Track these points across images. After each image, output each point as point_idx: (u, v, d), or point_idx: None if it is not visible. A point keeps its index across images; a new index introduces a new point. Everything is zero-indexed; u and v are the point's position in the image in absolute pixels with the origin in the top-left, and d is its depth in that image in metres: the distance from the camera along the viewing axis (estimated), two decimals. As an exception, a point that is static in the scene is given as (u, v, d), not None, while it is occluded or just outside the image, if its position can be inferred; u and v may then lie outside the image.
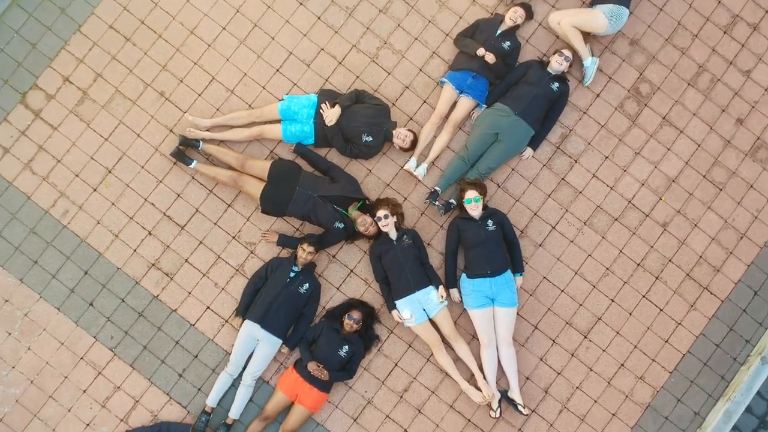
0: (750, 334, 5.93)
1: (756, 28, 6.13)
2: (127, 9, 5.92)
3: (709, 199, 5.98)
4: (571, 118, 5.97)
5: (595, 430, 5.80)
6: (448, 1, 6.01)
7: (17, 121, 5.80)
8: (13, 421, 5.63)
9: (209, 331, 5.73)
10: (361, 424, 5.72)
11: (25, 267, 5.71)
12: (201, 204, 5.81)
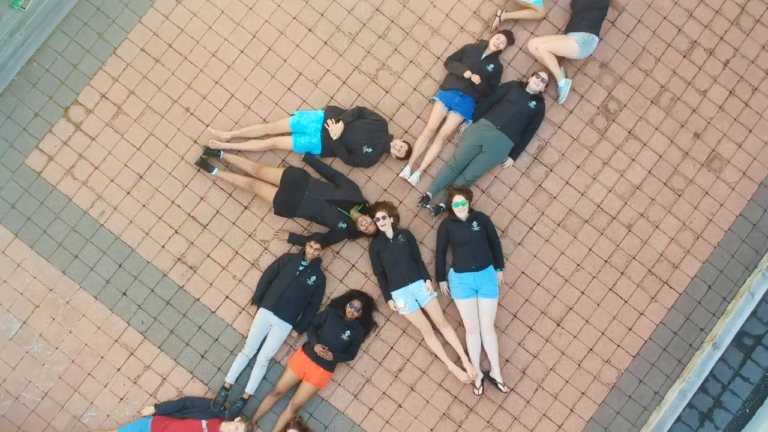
0: (704, 324, 6.72)
1: (711, 53, 6.93)
2: (157, 34, 6.73)
3: (669, 204, 6.78)
4: (547, 131, 6.77)
5: (566, 407, 6.59)
6: (439, 29, 6.82)
7: (60, 133, 6.61)
8: (57, 395, 6.42)
9: (228, 318, 6.53)
10: (361, 399, 6.51)
11: (66, 260, 6.51)
12: (221, 206, 6.61)
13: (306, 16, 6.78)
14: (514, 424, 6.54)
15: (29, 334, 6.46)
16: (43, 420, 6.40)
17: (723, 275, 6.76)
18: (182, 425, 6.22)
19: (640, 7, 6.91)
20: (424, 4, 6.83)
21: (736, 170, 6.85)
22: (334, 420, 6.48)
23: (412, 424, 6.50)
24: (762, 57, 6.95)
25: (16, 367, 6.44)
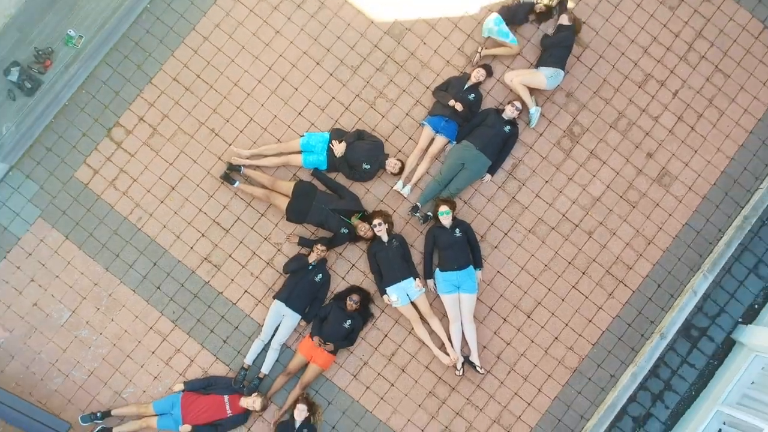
0: (654, 317, 7.83)
1: (663, 84, 8.05)
2: (187, 66, 7.87)
3: (624, 214, 7.89)
4: (520, 151, 7.89)
5: (535, 387, 7.70)
6: (428, 63, 7.95)
7: (104, 150, 7.75)
8: (101, 374, 7.55)
9: (246, 309, 7.65)
10: (359, 379, 7.63)
11: (109, 259, 7.65)
12: (241, 213, 7.74)
13: (314, 51, 7.92)
14: (489, 402, 7.66)
15: (77, 321, 7.60)
16: (89, 394, 7.53)
17: (671, 275, 7.88)
18: (207, 399, 7.36)
19: (602, 44, 8.04)
20: (415, 41, 7.96)
21: (683, 185, 7.97)
22: (337, 396, 7.61)
23: (402, 400, 7.62)
24: (706, 88, 8.07)
25: (66, 349, 7.58)
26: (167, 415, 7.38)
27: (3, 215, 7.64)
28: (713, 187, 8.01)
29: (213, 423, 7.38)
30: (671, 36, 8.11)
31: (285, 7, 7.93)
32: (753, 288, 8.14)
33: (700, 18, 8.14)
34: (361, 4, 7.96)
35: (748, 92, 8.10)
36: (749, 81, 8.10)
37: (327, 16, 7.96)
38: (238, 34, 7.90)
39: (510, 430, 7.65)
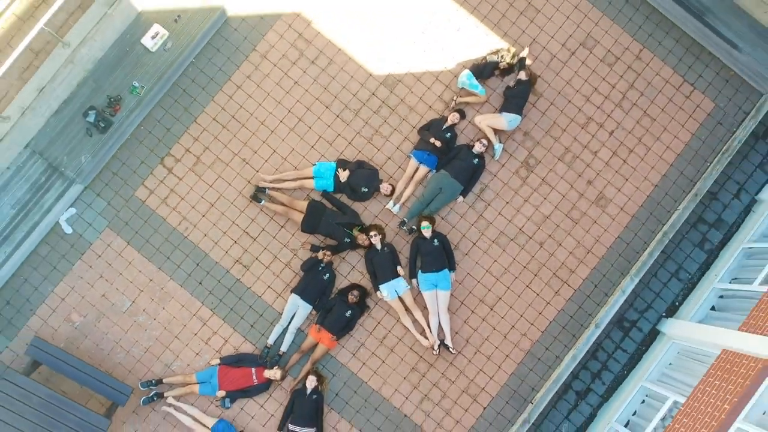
0: (591, 311, 9.88)
1: (601, 126, 10.12)
2: (224, 108, 9.96)
3: (569, 228, 9.95)
4: (486, 178, 9.96)
5: (496, 365, 9.75)
6: (415, 107, 10.03)
7: (158, 174, 9.83)
8: (154, 350, 9.61)
9: (269, 300, 9.71)
10: (358, 357, 9.68)
11: (161, 260, 9.72)
12: (266, 225, 9.81)
13: (324, 97, 10.01)
14: (460, 376, 9.71)
15: (136, 309, 9.68)
16: (145, 366, 9.60)
17: (605, 278, 9.93)
18: (238, 371, 9.42)
19: (552, 93, 10.11)
20: (404, 90, 10.05)
21: (616, 206, 10.03)
22: (340, 370, 9.66)
23: (391, 374, 9.68)
24: (636, 129, 10.13)
25: (128, 331, 9.65)
26: (207, 383, 9.44)
27: (79, 225, 9.73)
28: (640, 208, 10.07)
29: (242, 389, 9.45)
30: (609, 87, 10.18)
31: (301, 62, 10.02)
32: (674, 289, 10.19)
33: (632, 73, 10.21)
34: (361, 60, 10.05)
35: (670, 132, 10.16)
36: (671, 124, 10.17)
37: (335, 69, 10.05)
38: (265, 84, 9.99)
39: (476, 399, 9.70)
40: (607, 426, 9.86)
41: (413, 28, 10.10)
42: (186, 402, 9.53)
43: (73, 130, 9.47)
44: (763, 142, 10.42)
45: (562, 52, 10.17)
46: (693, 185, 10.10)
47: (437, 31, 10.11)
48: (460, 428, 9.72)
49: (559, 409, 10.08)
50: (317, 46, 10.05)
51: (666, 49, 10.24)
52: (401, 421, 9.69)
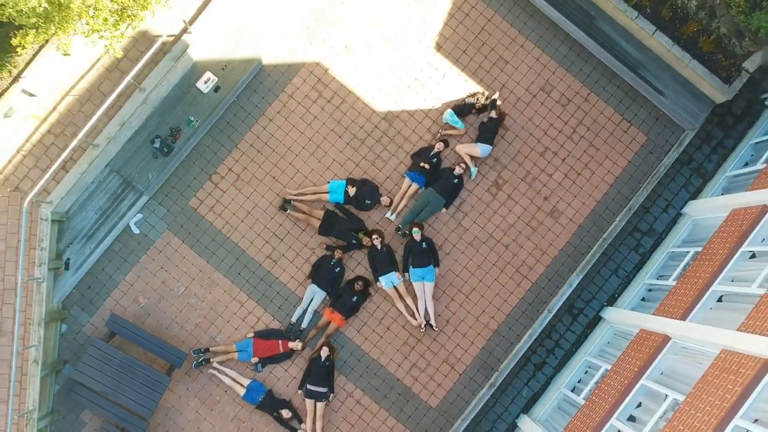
0: (545, 299, 12.54)
1: (556, 154, 12.80)
2: (259, 137, 12.67)
3: (528, 234, 12.62)
4: (464, 194, 12.64)
5: (469, 341, 12.42)
6: (409, 137, 12.72)
7: (206, 188, 12.55)
8: (202, 326, 12.32)
9: (293, 288, 12.41)
10: (361, 333, 12.37)
11: (209, 255, 12.43)
12: (291, 229, 12.52)
13: (337, 129, 12.72)
14: (441, 349, 12.39)
15: (189, 293, 12.39)
16: (195, 338, 12.31)
17: (557, 274, 12.59)
18: (268, 342, 12.11)
19: (517, 128, 12.80)
20: (400, 124, 12.76)
21: (567, 218, 12.70)
22: (347, 343, 12.35)
23: (387, 347, 12.36)
24: (583, 156, 12.79)
25: (182, 311, 12.36)
26: (244, 351, 12.14)
27: (145, 227, 12.46)
28: (586, 219, 12.74)
29: (271, 357, 12.15)
30: (562, 123, 12.86)
31: (320, 101, 12.74)
32: (613, 283, 12.82)
33: (581, 112, 12.89)
34: (367, 100, 12.76)
35: (610, 159, 12.83)
36: (611, 152, 12.83)
37: (346, 107, 12.77)
38: (291, 118, 12.72)
39: (453, 366, 12.39)
40: (558, 391, 12.50)
41: (408, 76, 12.82)
42: (227, 366, 12.23)
43: (142, 153, 12.22)
44: (686, 167, 13.06)
45: (525, 95, 12.87)
46: (628, 201, 12.76)
47: (427, 78, 12.83)
48: (440, 390, 12.41)
49: (521, 377, 12.71)
50: (332, 89, 12.78)
51: (609, 93, 12.92)
52: (394, 383, 12.38)
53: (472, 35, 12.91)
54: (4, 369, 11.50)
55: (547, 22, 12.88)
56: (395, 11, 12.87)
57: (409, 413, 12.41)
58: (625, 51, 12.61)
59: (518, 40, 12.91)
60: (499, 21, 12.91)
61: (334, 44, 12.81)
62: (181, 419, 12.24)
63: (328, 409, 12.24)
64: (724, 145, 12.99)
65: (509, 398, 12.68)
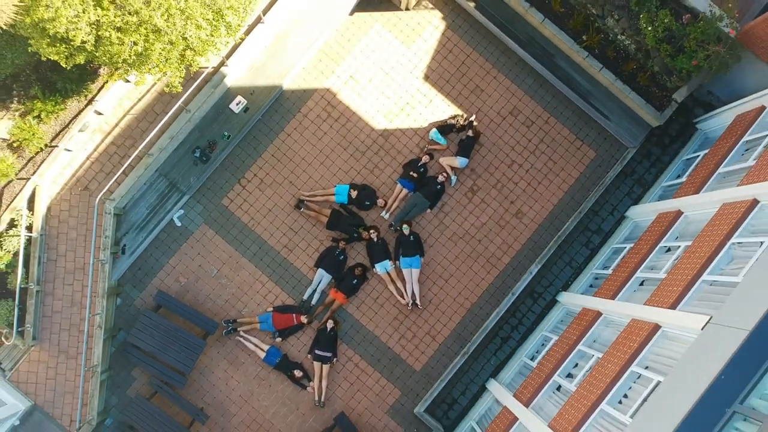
0: (511, 285, 15.38)
1: (521, 166, 15.65)
2: (279, 149, 15.56)
3: (498, 231, 15.47)
4: (445, 198, 15.50)
5: (448, 317, 15.27)
6: (401, 151, 15.60)
7: (236, 190, 15.45)
8: (231, 302, 15.21)
9: (304, 271, 15.30)
10: (360, 310, 15.24)
11: (237, 244, 15.31)
12: (304, 224, 15.40)
13: (343, 143, 15.58)
14: (425, 323, 15.25)
15: (220, 274, 15.28)
16: (225, 311, 15.19)
17: (519, 264, 15.43)
18: (284, 316, 15.01)
19: (489, 144, 15.65)
20: (394, 140, 15.63)
21: (529, 218, 15.54)
22: (348, 318, 15.23)
23: (381, 321, 15.23)
24: (543, 168, 15.62)
25: (214, 289, 15.26)
26: (265, 322, 15.02)
27: (185, 221, 15.35)
28: (545, 220, 15.57)
29: (287, 328, 15.02)
30: (527, 140, 15.70)
31: (329, 120, 15.62)
32: (567, 273, 15.66)
33: (542, 132, 15.73)
34: (367, 119, 15.63)
35: (566, 171, 15.66)
36: (566, 165, 15.66)
37: (350, 125, 15.64)
38: (305, 133, 15.60)
39: (434, 338, 15.25)
40: (519, 359, 15.33)
41: (401, 101, 15.71)
42: (250, 334, 15.11)
43: (185, 161, 15.13)
44: (629, 178, 15.88)
45: (497, 117, 15.73)
46: (580, 205, 15.59)
47: (417, 102, 15.72)
48: (423, 357, 15.27)
49: (489, 348, 15.55)
50: (339, 110, 15.67)
51: (565, 116, 15.77)
52: (386, 350, 15.25)
53: (454, 68, 15.80)
54: (75, 332, 14.41)
55: (515, 58, 15.75)
56: (392, 48, 15.76)
57: (398, 375, 15.28)
58: (578, 83, 15.46)
59: (492, 73, 15.79)
60: (476, 57, 15.79)
61: (341, 74, 15.71)
62: (213, 376, 15.12)
63: (332, 370, 15.11)
64: (661, 160, 15.83)
65: (480, 365, 15.52)
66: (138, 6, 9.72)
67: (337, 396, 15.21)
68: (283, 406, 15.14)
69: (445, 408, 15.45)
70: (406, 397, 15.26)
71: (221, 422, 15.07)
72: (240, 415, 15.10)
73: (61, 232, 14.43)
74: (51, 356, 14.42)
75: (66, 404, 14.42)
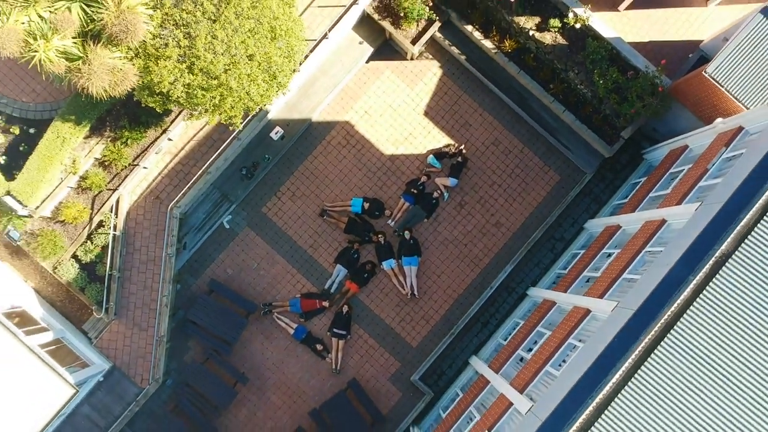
0: (490, 281, 19.36)
1: (500, 186, 19.62)
2: (307, 168, 19.59)
3: (480, 237, 19.45)
4: (439, 211, 19.49)
5: (438, 305, 19.25)
6: (405, 172, 19.59)
7: (273, 200, 19.48)
8: (267, 289, 19.24)
9: (326, 266, 19.32)
10: (369, 297, 19.26)
11: (273, 243, 19.34)
12: (326, 228, 19.42)
13: (359, 165, 19.59)
14: (420, 309, 19.25)
15: (259, 267, 19.32)
16: (262, 296, 19.22)
17: (497, 265, 19.40)
18: (310, 301, 19.06)
19: (475, 168, 19.62)
20: (399, 163, 19.62)
21: (505, 228, 19.52)
22: (359, 304, 19.26)
23: (386, 307, 19.25)
24: (517, 188, 19.58)
25: (254, 279, 19.29)
26: (294, 306, 19.05)
27: (233, 224, 19.39)
28: (518, 230, 19.54)
29: (311, 311, 19.06)
30: (505, 166, 19.67)
31: (347, 147, 19.63)
32: (535, 272, 19.63)
33: (517, 159, 19.69)
34: (378, 146, 19.63)
35: (535, 190, 19.63)
36: (536, 186, 19.62)
37: (365, 151, 19.64)
38: (329, 157, 19.61)
39: (428, 321, 19.27)
40: (495, 340, 19.29)
41: (405, 132, 19.72)
42: (282, 315, 19.14)
43: (234, 177, 19.17)
44: (587, 197, 19.82)
45: (481, 146, 19.72)
46: (546, 218, 19.54)
47: (418, 134, 19.73)
48: (419, 336, 19.28)
49: (472, 331, 19.51)
50: (356, 139, 19.69)
51: (536, 147, 19.74)
52: (389, 331, 19.26)
53: (448, 106, 19.81)
54: (146, 310, 18.45)
55: (497, 100, 19.74)
56: (399, 90, 19.79)
57: (399, 350, 19.27)
58: (546, 121, 19.43)
59: (478, 111, 19.79)
60: (466, 98, 19.80)
61: (358, 110, 19.75)
62: (252, 347, 19.15)
63: (346, 345, 19.12)
64: (614, 183, 19.79)
65: (464, 344, 19.49)
66: (219, 73, 13.68)
67: (349, 365, 19.23)
68: (307, 372, 19.18)
69: (436, 378, 19.43)
70: (405, 368, 19.28)
71: (258, 383, 19.11)
72: (272, 378, 19.14)
73: (137, 231, 18.48)
74: (127, 328, 18.46)
75: (139, 366, 18.46)
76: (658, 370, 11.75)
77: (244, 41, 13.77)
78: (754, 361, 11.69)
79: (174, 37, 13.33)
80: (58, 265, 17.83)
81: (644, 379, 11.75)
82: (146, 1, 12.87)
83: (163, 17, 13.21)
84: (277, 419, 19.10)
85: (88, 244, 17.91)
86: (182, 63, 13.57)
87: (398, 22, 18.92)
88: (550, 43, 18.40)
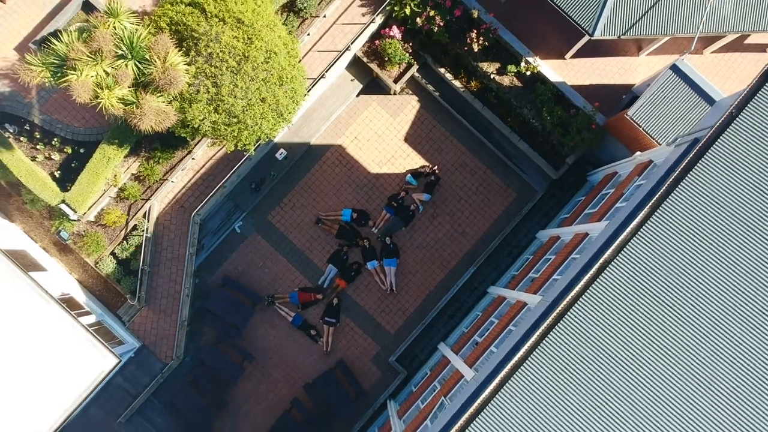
0: (456, 280, 23.26)
1: (467, 201, 23.57)
2: (306, 184, 23.52)
3: (450, 243, 23.37)
4: (415, 221, 23.41)
5: (412, 299, 23.19)
6: (387, 188, 23.53)
7: (277, 210, 23.40)
8: (271, 283, 23.15)
9: (320, 266, 23.23)
10: (356, 292, 23.17)
11: (277, 245, 23.26)
12: (320, 233, 23.34)
13: (349, 182, 23.52)
14: (398, 302, 23.16)
15: (264, 265, 23.23)
16: (266, 289, 23.13)
17: (463, 265, 23.31)
18: (306, 294, 23.00)
19: (446, 185, 23.55)
20: (383, 181, 23.55)
21: (470, 236, 23.43)
22: (347, 297, 23.17)
23: (369, 300, 23.17)
24: (481, 204, 23.51)
25: (260, 275, 23.19)
26: (293, 297, 22.96)
27: (243, 229, 23.30)
28: (481, 238, 23.45)
29: (307, 302, 22.99)
30: (471, 184, 23.59)
31: (340, 166, 23.55)
32: (495, 274, 23.55)
33: (481, 179, 23.60)
34: (365, 166, 23.54)
35: (496, 205, 23.54)
36: (497, 201, 23.54)
37: (355, 170, 23.56)
38: (325, 174, 23.53)
39: (404, 312, 23.19)
40: (460, 329, 23.19)
41: (388, 154, 23.64)
42: (283, 305, 23.05)
43: (245, 189, 23.10)
44: (539, 212, 23.74)
45: (451, 167, 23.65)
46: (504, 228, 23.46)
47: (398, 155, 23.66)
48: (396, 324, 23.19)
49: (441, 322, 23.39)
50: (347, 160, 23.62)
51: (497, 169, 23.67)
52: (371, 319, 23.18)
53: (423, 133, 23.75)
54: (171, 300, 22.36)
55: (464, 129, 23.69)
56: (383, 119, 23.73)
57: (379, 336, 23.19)
58: (505, 148, 23.39)
59: (449, 138, 23.73)
60: (439, 127, 23.75)
61: (349, 135, 23.70)
62: (258, 332, 23.06)
63: (336, 331, 23.02)
64: (561, 201, 23.73)
65: (434, 333, 23.39)
66: (238, 113, 17.60)
67: (338, 348, 23.14)
68: (302, 353, 23.08)
69: (410, 360, 23.33)
70: (384, 351, 23.18)
71: (262, 362, 23.02)
72: (274, 358, 23.05)
73: (165, 234, 22.38)
74: (155, 314, 22.34)
75: (163, 345, 22.35)
76: (552, 346, 15.63)
77: (258, 88, 17.72)
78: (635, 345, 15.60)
79: (204, 85, 17.27)
80: (99, 261, 21.73)
81: (542, 353, 15.63)
82: (185, 58, 16.81)
83: (196, 71, 17.15)
84: (276, 392, 23.00)
85: (125, 244, 21.80)
86: (210, 105, 17.51)
87: (383, 64, 22.90)
88: (508, 84, 22.36)
